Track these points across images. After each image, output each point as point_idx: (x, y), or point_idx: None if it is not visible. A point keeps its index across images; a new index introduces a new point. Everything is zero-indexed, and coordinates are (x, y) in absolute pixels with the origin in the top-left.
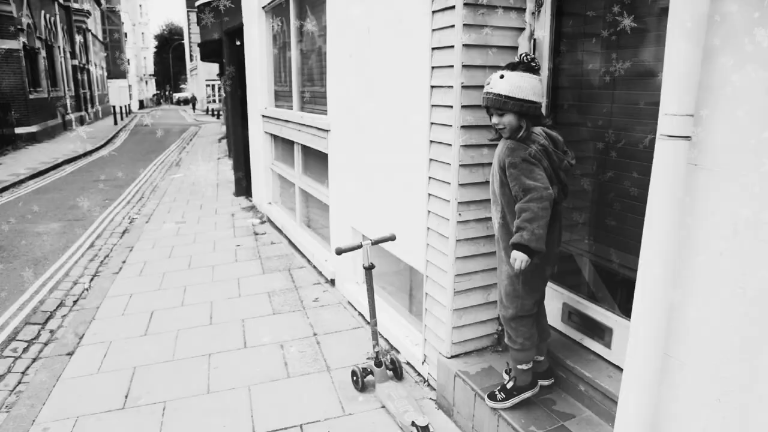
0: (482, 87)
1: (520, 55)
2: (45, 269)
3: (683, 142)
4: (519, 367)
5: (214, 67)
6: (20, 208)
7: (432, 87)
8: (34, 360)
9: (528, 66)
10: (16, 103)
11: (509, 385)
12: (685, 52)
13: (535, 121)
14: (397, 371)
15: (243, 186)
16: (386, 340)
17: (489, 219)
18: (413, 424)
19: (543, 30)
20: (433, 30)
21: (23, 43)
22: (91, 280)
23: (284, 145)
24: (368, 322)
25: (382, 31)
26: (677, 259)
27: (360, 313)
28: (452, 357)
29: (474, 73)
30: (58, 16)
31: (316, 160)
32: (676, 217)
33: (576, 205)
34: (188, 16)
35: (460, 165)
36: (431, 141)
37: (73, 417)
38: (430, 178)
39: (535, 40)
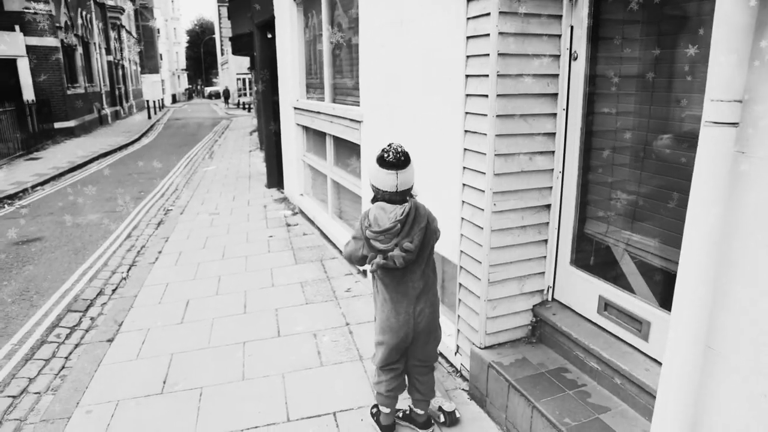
0: (519, 76)
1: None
2: (85, 259)
3: (730, 129)
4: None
5: (245, 61)
6: (60, 200)
7: (467, 76)
8: (77, 346)
9: (377, 158)
10: (54, 99)
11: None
12: (735, 34)
13: (379, 197)
14: None
15: (275, 178)
16: None
17: (524, 209)
18: (440, 409)
19: (581, 16)
20: (468, 18)
21: (61, 40)
22: (129, 269)
23: (316, 136)
24: None
25: (415, 22)
26: (721, 251)
27: None
28: (486, 348)
29: (510, 61)
30: (93, 14)
31: (348, 152)
32: (720, 207)
33: (613, 195)
34: (219, 10)
35: (496, 155)
36: (466, 131)
37: (114, 401)
38: (464, 168)
39: (572, 27)
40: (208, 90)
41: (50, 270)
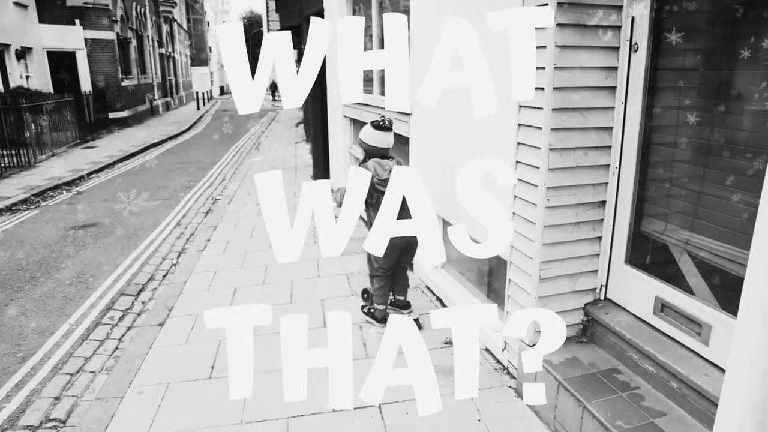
0: (577, 69)
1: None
2: (136, 245)
3: None
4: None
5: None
6: (113, 188)
7: None
8: (129, 328)
9: (374, 125)
10: (109, 90)
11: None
12: None
13: (372, 155)
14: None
15: (321, 170)
16: None
17: (578, 205)
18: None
19: (642, 6)
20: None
21: (117, 33)
22: (178, 256)
23: None
24: (445, 307)
25: (467, 13)
26: None
27: (438, 298)
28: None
29: (568, 53)
30: (147, 7)
31: (396, 145)
32: None
33: (673, 192)
34: (267, 3)
35: (551, 149)
36: (519, 124)
37: (165, 383)
38: (517, 162)
39: (633, 18)
40: None
41: (104, 254)
